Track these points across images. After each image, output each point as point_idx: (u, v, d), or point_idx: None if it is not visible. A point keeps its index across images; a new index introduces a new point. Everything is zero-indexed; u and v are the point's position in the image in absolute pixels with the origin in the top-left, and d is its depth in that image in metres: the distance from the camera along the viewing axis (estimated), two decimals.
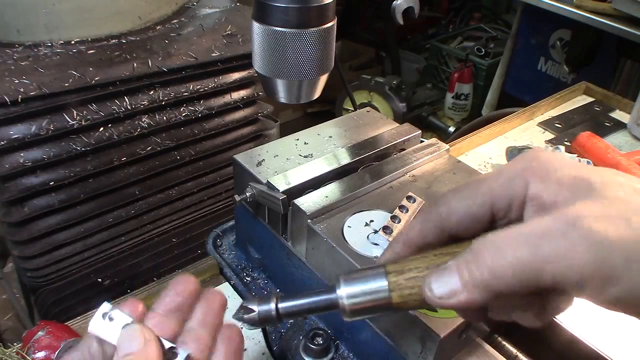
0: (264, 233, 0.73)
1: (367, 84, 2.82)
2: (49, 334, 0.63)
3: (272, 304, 0.43)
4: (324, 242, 0.61)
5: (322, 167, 0.70)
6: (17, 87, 0.91)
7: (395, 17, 0.81)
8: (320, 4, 0.56)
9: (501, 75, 2.47)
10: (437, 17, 3.68)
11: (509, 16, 3.28)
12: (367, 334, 0.61)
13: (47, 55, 1.01)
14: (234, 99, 1.21)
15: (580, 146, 1.07)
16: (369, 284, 0.41)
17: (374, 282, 0.41)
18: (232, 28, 1.19)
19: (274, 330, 0.71)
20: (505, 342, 0.63)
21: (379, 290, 0.40)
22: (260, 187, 0.67)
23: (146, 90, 1.07)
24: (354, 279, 0.42)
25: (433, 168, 0.73)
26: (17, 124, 0.93)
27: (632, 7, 1.67)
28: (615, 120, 1.27)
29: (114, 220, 1.15)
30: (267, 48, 0.58)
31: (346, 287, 0.41)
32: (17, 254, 1.07)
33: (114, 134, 1.04)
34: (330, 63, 0.62)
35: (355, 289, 0.41)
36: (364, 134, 0.78)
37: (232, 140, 1.27)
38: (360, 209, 0.65)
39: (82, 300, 1.17)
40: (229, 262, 0.81)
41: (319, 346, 0.65)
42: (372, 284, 0.41)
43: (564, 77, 2.27)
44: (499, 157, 1.11)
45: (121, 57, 1.03)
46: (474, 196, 0.40)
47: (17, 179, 0.99)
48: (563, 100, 1.34)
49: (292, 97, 0.62)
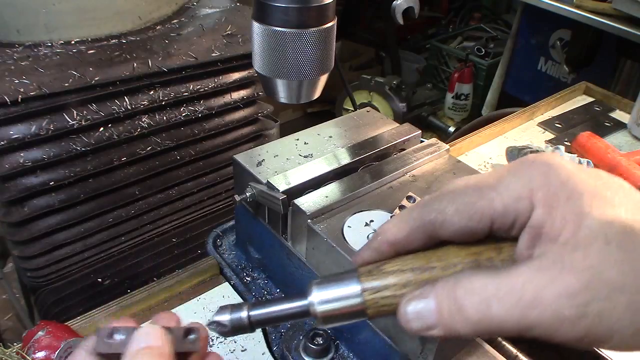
0: (264, 233, 0.73)
1: (367, 84, 2.82)
2: (49, 334, 0.63)
3: (244, 312, 0.42)
4: (324, 242, 0.61)
5: (322, 167, 0.70)
6: (17, 87, 0.91)
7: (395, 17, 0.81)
8: (320, 4, 0.56)
9: (501, 75, 2.47)
10: (437, 17, 3.68)
11: (509, 16, 3.28)
12: (367, 334, 0.61)
13: (47, 55, 1.01)
14: (234, 99, 1.21)
15: (580, 146, 1.07)
16: (342, 291, 0.40)
17: (347, 289, 0.39)
18: (232, 28, 1.19)
19: (274, 330, 0.71)
20: (505, 342, 0.63)
21: (352, 296, 0.39)
22: (260, 187, 0.67)
23: (146, 90, 1.07)
24: (327, 285, 0.40)
25: (433, 168, 0.73)
26: (17, 124, 0.93)
27: (632, 7, 1.67)
28: (615, 120, 1.27)
29: (114, 220, 1.15)
30: (267, 48, 0.58)
31: (318, 292, 0.40)
32: (17, 254, 1.07)
33: (114, 134, 1.04)
34: (330, 63, 0.62)
35: (328, 295, 0.40)
36: (364, 134, 0.78)
37: (232, 140, 1.27)
38: (360, 209, 0.65)
39: (82, 300, 1.17)
40: (229, 262, 0.81)
41: (319, 346, 0.65)
42: (345, 290, 0.39)
43: (564, 77, 2.27)
44: (499, 157, 1.11)
45: (121, 57, 1.03)
46: (473, 211, 0.36)
47: (17, 179, 0.99)
48: (563, 100, 1.34)
49: (292, 97, 0.62)
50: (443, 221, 0.37)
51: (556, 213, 0.34)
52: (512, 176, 0.36)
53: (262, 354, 0.69)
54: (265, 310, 0.42)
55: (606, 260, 0.32)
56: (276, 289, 0.77)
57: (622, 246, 0.32)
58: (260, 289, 0.78)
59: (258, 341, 0.71)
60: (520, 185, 0.35)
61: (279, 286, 0.77)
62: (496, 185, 0.36)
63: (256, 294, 0.77)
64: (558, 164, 0.35)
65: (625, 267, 0.31)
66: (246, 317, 0.42)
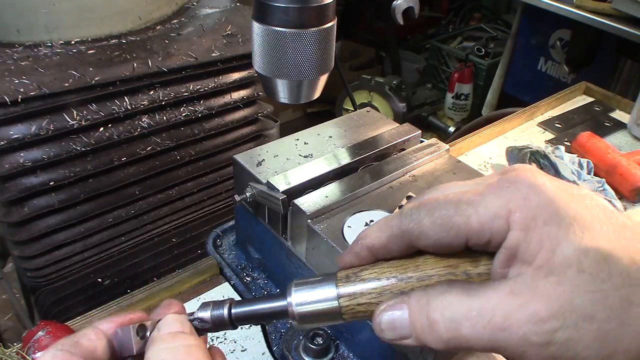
0: (264, 233, 0.73)
1: (367, 84, 2.82)
2: (49, 334, 0.63)
3: (225, 309, 0.43)
4: (324, 242, 0.61)
5: (322, 167, 0.70)
6: (17, 87, 0.91)
7: (395, 17, 0.81)
8: (320, 4, 0.56)
9: (501, 75, 2.47)
10: (437, 17, 3.68)
11: (509, 16, 3.28)
12: (367, 334, 0.61)
13: (47, 55, 1.01)
14: (234, 99, 1.21)
15: (580, 146, 1.07)
16: (320, 294, 0.40)
17: (325, 292, 0.40)
18: (232, 28, 1.19)
19: (274, 330, 0.71)
20: None
21: (329, 299, 0.40)
22: (260, 187, 0.67)
23: (146, 90, 1.07)
24: (306, 288, 0.41)
25: (433, 168, 0.73)
26: (17, 124, 0.93)
27: (632, 7, 1.67)
28: (615, 120, 1.27)
29: (114, 220, 1.15)
30: (267, 48, 0.58)
31: (297, 294, 0.41)
32: (17, 254, 1.07)
33: (114, 134, 1.04)
34: (330, 63, 0.62)
35: (306, 298, 0.41)
36: (364, 134, 0.78)
37: (232, 140, 1.27)
38: (360, 209, 0.65)
39: (82, 300, 1.17)
40: (229, 262, 0.81)
41: (319, 346, 0.65)
42: (323, 293, 0.40)
43: (564, 77, 2.27)
44: (499, 157, 1.11)
45: (121, 57, 1.03)
46: (449, 226, 0.36)
47: (17, 179, 0.99)
48: (563, 100, 1.34)
49: (292, 97, 0.62)
50: (420, 232, 0.37)
51: (532, 236, 0.33)
52: (492, 194, 0.36)
53: (262, 354, 0.69)
54: (245, 309, 0.43)
55: (578, 288, 0.32)
56: (276, 289, 0.77)
57: (595, 275, 0.32)
58: (260, 289, 0.77)
59: (258, 341, 0.71)
60: (499, 204, 0.35)
61: (279, 286, 0.77)
62: (475, 201, 0.36)
63: (256, 294, 0.77)
64: (540, 185, 0.35)
65: (597, 297, 0.31)
66: (227, 314, 0.43)
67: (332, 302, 0.40)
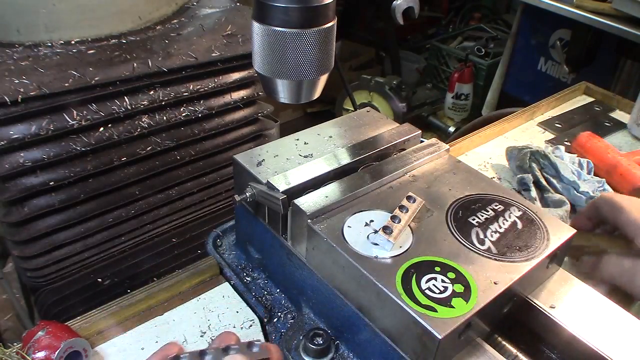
0: (264, 233, 0.73)
1: (367, 84, 2.82)
2: (49, 334, 0.63)
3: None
4: (324, 242, 0.61)
5: (322, 167, 0.70)
6: (17, 87, 0.91)
7: (395, 17, 0.81)
8: (320, 4, 0.56)
9: (501, 75, 2.47)
10: (437, 17, 3.68)
11: (509, 16, 3.28)
12: (367, 334, 0.61)
13: (47, 55, 1.01)
14: (234, 99, 1.21)
15: (580, 146, 1.07)
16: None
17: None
18: (232, 28, 1.19)
19: (274, 330, 0.71)
20: (505, 342, 0.63)
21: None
22: (260, 187, 0.67)
23: (146, 90, 1.07)
24: None
25: (433, 168, 0.73)
26: (17, 124, 0.93)
27: (632, 7, 1.67)
28: (615, 120, 1.27)
29: (114, 220, 1.15)
30: (267, 48, 0.58)
31: None
32: (17, 254, 1.07)
33: (114, 134, 1.04)
34: (330, 63, 0.62)
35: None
36: (364, 134, 0.78)
37: (232, 140, 1.27)
38: (360, 209, 0.65)
39: (82, 300, 1.17)
40: (229, 262, 0.81)
41: (319, 346, 0.65)
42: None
43: (564, 77, 2.27)
44: (499, 157, 1.11)
45: (121, 57, 1.03)
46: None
47: (17, 179, 0.99)
48: (563, 100, 1.34)
49: (292, 97, 0.62)
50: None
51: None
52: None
53: None
54: None
55: None
56: (276, 288, 0.77)
57: None
58: (260, 289, 0.77)
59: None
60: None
61: (279, 286, 0.77)
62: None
63: (256, 294, 0.76)
64: None
65: None
66: None
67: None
